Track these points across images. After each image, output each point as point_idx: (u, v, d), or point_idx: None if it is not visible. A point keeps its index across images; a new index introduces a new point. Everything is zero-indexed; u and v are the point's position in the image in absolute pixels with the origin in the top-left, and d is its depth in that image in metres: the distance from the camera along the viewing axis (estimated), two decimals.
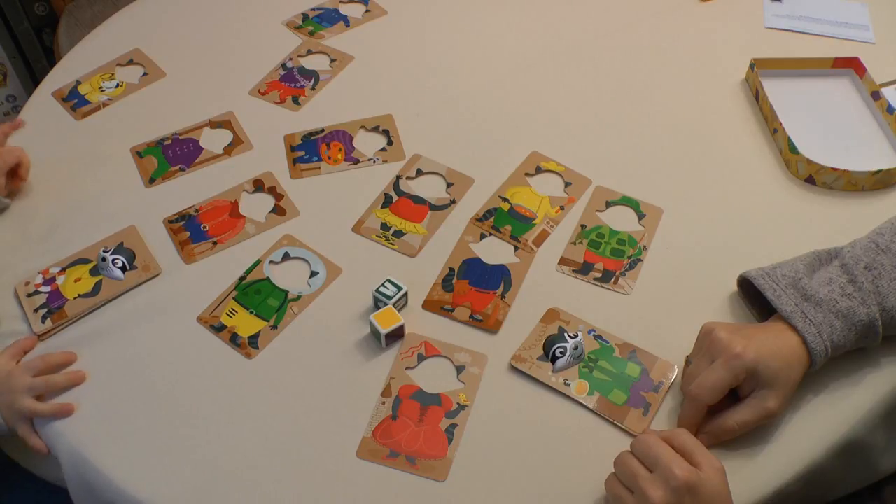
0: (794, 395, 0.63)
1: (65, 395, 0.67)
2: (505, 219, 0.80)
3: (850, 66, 0.96)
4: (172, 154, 0.88)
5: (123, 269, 0.76)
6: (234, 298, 0.74)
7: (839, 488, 0.69)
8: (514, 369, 0.68)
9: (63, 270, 0.76)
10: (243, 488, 0.61)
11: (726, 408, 0.62)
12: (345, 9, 1.08)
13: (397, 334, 0.70)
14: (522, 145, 0.88)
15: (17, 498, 0.82)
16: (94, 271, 0.76)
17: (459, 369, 0.69)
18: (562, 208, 0.82)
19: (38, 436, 0.66)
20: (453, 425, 0.65)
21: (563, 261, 0.77)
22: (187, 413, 0.66)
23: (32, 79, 1.66)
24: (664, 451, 0.55)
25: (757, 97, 0.93)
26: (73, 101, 0.94)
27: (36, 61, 1.65)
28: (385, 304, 0.71)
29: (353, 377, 0.68)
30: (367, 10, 1.08)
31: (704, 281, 0.75)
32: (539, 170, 0.86)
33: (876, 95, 0.91)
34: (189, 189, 0.84)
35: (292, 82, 0.96)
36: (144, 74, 0.98)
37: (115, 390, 0.67)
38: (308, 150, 0.88)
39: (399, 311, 0.71)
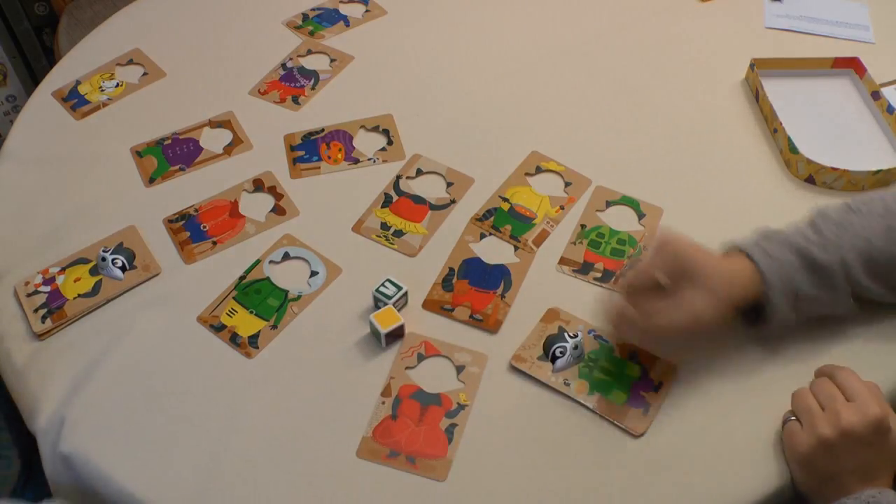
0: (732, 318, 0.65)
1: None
2: (505, 219, 0.80)
3: (850, 66, 0.96)
4: (172, 154, 0.88)
5: (123, 268, 0.76)
6: (234, 298, 0.74)
7: None
8: (514, 369, 0.68)
9: (63, 270, 0.76)
10: (243, 488, 0.61)
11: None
12: (345, 9, 1.08)
13: (397, 334, 0.70)
14: (522, 145, 0.88)
15: None
16: (94, 271, 0.76)
17: (459, 369, 0.69)
18: (562, 208, 0.82)
19: None
20: (453, 425, 0.65)
21: (563, 261, 0.77)
22: (187, 413, 0.66)
23: (32, 79, 1.66)
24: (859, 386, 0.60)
25: (757, 97, 0.93)
26: (73, 101, 0.94)
27: (36, 61, 1.65)
28: (385, 304, 0.71)
29: (353, 377, 0.68)
30: (367, 10, 1.08)
31: None
32: (539, 170, 0.86)
33: (876, 95, 0.91)
34: (189, 189, 0.84)
35: (292, 82, 0.96)
36: (144, 74, 0.98)
37: (115, 390, 0.67)
38: (308, 149, 0.88)
39: (399, 310, 0.71)
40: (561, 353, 0.68)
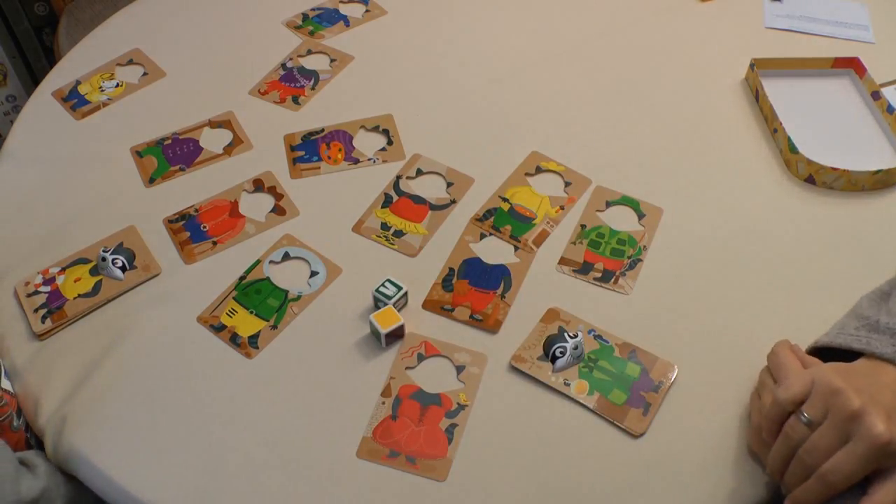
0: None
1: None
2: (505, 219, 0.80)
3: (850, 66, 0.96)
4: (172, 154, 0.88)
5: (123, 268, 0.76)
6: (234, 298, 0.74)
7: None
8: (514, 369, 0.68)
9: (63, 270, 0.76)
10: (243, 488, 0.62)
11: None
12: (345, 9, 1.08)
13: (397, 334, 0.70)
14: (522, 145, 0.88)
15: None
16: (94, 271, 0.76)
17: (459, 369, 0.69)
18: (562, 208, 0.82)
19: None
20: (453, 425, 0.65)
21: (563, 261, 0.77)
22: (187, 413, 0.66)
23: (32, 79, 1.66)
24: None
25: (757, 97, 0.93)
26: (73, 101, 0.94)
27: (36, 61, 1.65)
28: (385, 304, 0.71)
29: (353, 377, 0.68)
30: (367, 10, 1.08)
31: (704, 281, 0.75)
32: (539, 170, 0.86)
33: (876, 95, 0.91)
34: (189, 189, 0.84)
35: (292, 82, 0.96)
36: (144, 74, 0.98)
37: (115, 390, 0.67)
38: (308, 149, 0.88)
39: (399, 310, 0.71)
40: (561, 353, 0.68)
